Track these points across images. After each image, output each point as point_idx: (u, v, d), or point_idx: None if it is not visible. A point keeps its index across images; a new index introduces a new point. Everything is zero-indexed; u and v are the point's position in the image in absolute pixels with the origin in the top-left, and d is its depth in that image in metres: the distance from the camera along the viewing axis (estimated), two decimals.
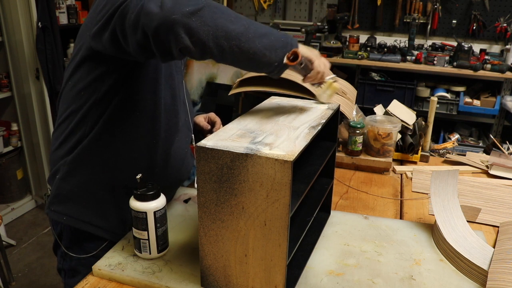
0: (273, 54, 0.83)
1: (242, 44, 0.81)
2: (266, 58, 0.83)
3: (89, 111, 1.01)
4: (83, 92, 1.01)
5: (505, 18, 3.53)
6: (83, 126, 1.02)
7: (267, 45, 0.83)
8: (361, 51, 3.56)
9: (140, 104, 1.02)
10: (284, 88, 1.43)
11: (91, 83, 0.99)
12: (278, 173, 0.73)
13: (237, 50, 0.81)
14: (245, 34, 0.81)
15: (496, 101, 3.32)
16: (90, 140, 1.02)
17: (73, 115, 1.03)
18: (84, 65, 0.99)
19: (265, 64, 0.85)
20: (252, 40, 0.81)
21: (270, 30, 0.85)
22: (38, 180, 3.18)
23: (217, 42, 0.80)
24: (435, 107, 1.67)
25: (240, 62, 0.85)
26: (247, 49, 0.81)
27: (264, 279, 0.83)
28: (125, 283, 0.92)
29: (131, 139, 1.05)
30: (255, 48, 0.82)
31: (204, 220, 0.83)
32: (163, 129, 1.07)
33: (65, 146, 1.05)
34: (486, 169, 1.57)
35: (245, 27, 0.82)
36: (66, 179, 1.06)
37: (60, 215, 1.08)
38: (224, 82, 3.33)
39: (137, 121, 1.03)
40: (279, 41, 0.85)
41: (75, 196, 1.07)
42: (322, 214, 1.17)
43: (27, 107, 2.95)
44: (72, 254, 1.11)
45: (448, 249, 1.01)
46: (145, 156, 1.07)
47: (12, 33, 2.76)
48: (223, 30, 0.80)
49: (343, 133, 1.61)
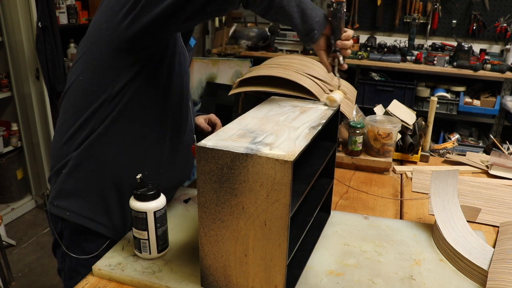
0: (317, 10, 1.00)
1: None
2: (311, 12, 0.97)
3: (100, 107, 1.01)
4: (96, 88, 1.00)
5: (505, 18, 3.53)
6: (92, 121, 1.02)
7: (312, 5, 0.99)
8: (361, 51, 3.56)
9: (150, 102, 1.03)
10: (284, 88, 1.43)
11: (106, 79, 0.99)
12: (278, 173, 0.73)
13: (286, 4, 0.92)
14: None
15: (496, 101, 3.32)
16: (98, 135, 1.02)
17: (81, 111, 1.03)
18: (99, 61, 1.00)
19: (310, 17, 0.98)
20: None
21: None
22: (38, 180, 3.18)
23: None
24: (435, 107, 1.67)
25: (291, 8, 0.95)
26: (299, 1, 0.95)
27: (264, 279, 0.83)
28: (125, 283, 0.92)
29: (139, 137, 1.05)
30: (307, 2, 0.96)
31: (204, 220, 0.83)
32: (170, 129, 1.08)
33: (72, 142, 1.05)
34: (486, 169, 1.57)
35: None
36: (71, 174, 1.05)
37: (63, 210, 1.08)
38: (224, 82, 3.33)
39: (145, 120, 1.04)
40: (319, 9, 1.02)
41: (79, 191, 1.06)
42: (322, 214, 1.17)
43: (27, 107, 2.95)
44: (72, 255, 1.11)
45: (448, 249, 1.01)
46: (151, 155, 1.07)
47: (12, 33, 2.77)
48: None
49: (343, 133, 1.61)
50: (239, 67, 3.36)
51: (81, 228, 1.08)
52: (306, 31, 1.00)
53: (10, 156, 3.00)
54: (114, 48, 0.97)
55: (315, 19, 0.99)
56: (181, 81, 1.10)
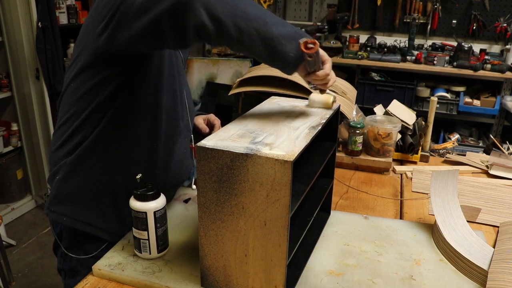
0: (289, 44, 0.82)
1: (261, 28, 0.79)
2: (282, 47, 0.81)
3: (91, 114, 1.01)
4: (85, 95, 1.00)
5: (505, 18, 3.53)
6: (84, 128, 1.02)
7: (284, 34, 0.81)
8: (361, 51, 3.56)
9: (141, 107, 1.02)
10: (284, 88, 1.43)
11: (94, 86, 0.98)
12: (278, 173, 0.73)
13: (255, 33, 0.79)
14: (263, 19, 0.80)
15: (496, 101, 3.32)
16: (91, 142, 1.02)
17: (74, 118, 1.03)
18: (87, 68, 0.99)
19: (281, 53, 0.82)
20: (270, 25, 0.80)
21: (286, 22, 0.85)
22: (38, 180, 3.18)
23: (235, 21, 0.78)
24: (435, 107, 1.67)
25: (256, 47, 0.82)
26: (264, 34, 0.80)
27: (264, 279, 0.83)
28: (125, 283, 0.92)
29: (132, 142, 1.04)
30: (273, 34, 0.80)
31: (204, 220, 0.83)
32: (164, 131, 1.07)
33: (65, 148, 1.05)
34: (486, 169, 1.57)
35: (263, 12, 0.81)
36: (66, 180, 1.06)
37: (60, 215, 1.08)
38: (224, 82, 3.33)
39: (138, 124, 1.03)
40: (295, 32, 0.84)
41: (75, 197, 1.07)
42: (322, 214, 1.17)
43: (27, 107, 2.95)
44: (72, 255, 1.11)
45: (448, 249, 1.01)
46: (146, 158, 1.07)
47: (12, 33, 2.76)
48: (242, 10, 0.78)
49: (343, 133, 1.61)
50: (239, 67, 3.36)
51: (79, 231, 1.08)
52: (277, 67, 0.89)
53: (10, 156, 3.00)
54: (99, 57, 0.96)
55: (288, 55, 0.83)
56: (173, 82, 1.07)
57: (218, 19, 0.78)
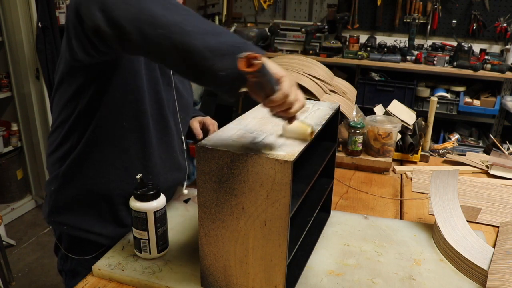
0: (220, 60, 0.64)
1: (175, 36, 0.65)
2: (208, 62, 0.64)
3: (75, 123, 0.99)
4: (68, 103, 0.99)
5: (505, 18, 3.53)
6: (71, 137, 1.01)
7: (213, 47, 0.65)
8: (361, 51, 3.56)
9: (124, 114, 0.99)
10: None
11: (74, 94, 0.97)
12: (278, 173, 0.73)
13: (166, 43, 0.65)
14: (179, 25, 0.65)
15: (496, 101, 3.32)
16: (80, 152, 1.01)
17: (61, 126, 1.02)
18: (65, 78, 0.97)
19: (207, 71, 0.65)
20: (189, 34, 0.65)
21: (224, 32, 0.68)
22: (38, 180, 3.18)
23: (138, 26, 0.66)
24: (435, 107, 1.67)
25: (172, 61, 0.68)
26: (179, 44, 0.64)
27: (264, 279, 0.83)
28: (125, 283, 0.92)
29: (121, 150, 1.02)
30: (194, 46, 0.64)
31: (204, 220, 0.83)
32: (154, 136, 1.05)
33: (56, 154, 1.05)
34: (486, 169, 1.57)
35: (183, 17, 0.66)
36: (61, 191, 1.05)
37: (60, 225, 1.08)
38: None
39: (124, 131, 1.00)
40: (233, 46, 0.65)
41: (71, 207, 1.06)
42: (322, 214, 1.17)
43: (27, 107, 2.95)
44: (72, 256, 1.11)
45: (448, 249, 1.01)
46: (138, 165, 1.05)
47: (12, 33, 2.76)
48: (149, 14, 0.65)
49: (343, 133, 1.61)
50: None
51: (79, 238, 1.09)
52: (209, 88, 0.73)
53: (10, 156, 3.00)
54: (72, 66, 0.93)
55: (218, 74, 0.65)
56: (155, 86, 1.02)
57: (117, 22, 0.67)
